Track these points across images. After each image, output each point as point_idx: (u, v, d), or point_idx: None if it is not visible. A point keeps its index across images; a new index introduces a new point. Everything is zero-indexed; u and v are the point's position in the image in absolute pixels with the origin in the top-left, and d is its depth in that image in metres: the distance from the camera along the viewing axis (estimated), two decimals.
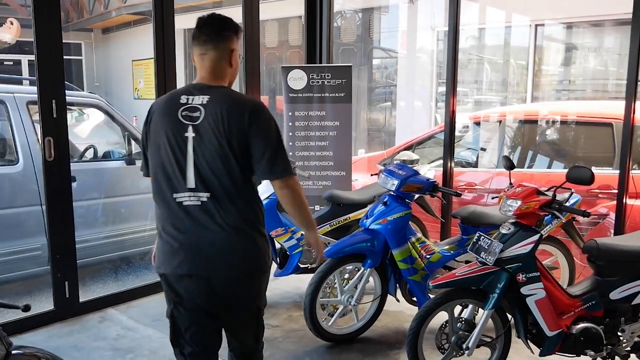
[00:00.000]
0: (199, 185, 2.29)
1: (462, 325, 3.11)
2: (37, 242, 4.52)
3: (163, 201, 2.36)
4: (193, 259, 2.32)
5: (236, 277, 2.37)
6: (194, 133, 2.28)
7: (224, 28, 2.42)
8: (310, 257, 4.44)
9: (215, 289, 2.36)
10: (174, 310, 2.46)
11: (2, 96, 4.60)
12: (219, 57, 2.40)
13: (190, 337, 2.47)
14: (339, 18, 11.60)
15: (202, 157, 2.27)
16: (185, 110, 2.32)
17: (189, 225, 2.31)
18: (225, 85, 2.44)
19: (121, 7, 14.76)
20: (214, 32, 2.41)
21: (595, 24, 8.33)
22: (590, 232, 4.55)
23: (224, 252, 2.32)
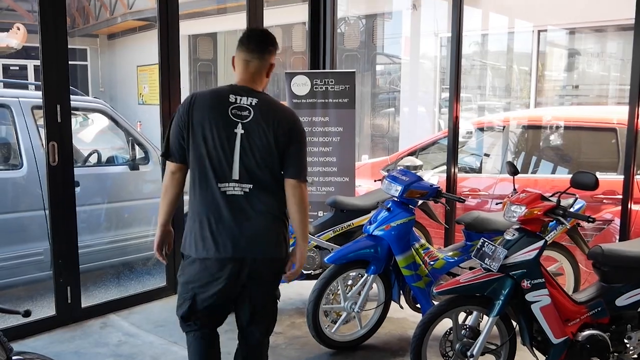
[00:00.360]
0: (243, 177, 2.54)
1: (466, 332, 3.08)
2: (40, 247, 4.51)
3: (207, 189, 2.55)
4: (236, 243, 2.53)
5: (270, 259, 2.62)
6: (242, 130, 2.54)
7: (270, 44, 2.70)
8: (314, 264, 4.42)
9: (250, 271, 2.57)
10: (200, 291, 2.60)
11: (7, 101, 4.61)
12: (261, 67, 2.66)
13: (207, 316, 2.67)
14: (343, 24, 11.64)
15: (249, 152, 2.53)
16: (234, 108, 2.56)
17: (231, 213, 2.53)
18: (257, 89, 2.67)
19: (127, 13, 14.83)
20: (263, 45, 2.68)
21: (598, 30, 8.33)
22: (595, 238, 4.52)
23: (264, 236, 2.59)
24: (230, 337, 2.91)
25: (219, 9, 13.33)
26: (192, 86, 14.15)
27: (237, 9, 11.59)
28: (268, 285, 2.70)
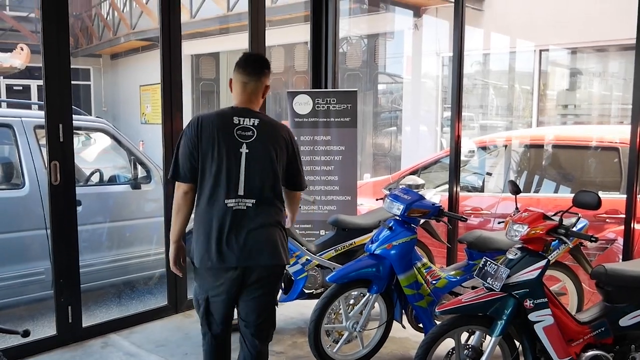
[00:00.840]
0: (247, 193, 2.77)
1: (469, 352, 3.05)
2: (41, 266, 4.51)
3: (214, 204, 2.77)
4: (240, 253, 2.75)
5: (272, 265, 2.83)
6: (247, 149, 2.77)
7: (266, 67, 2.95)
8: (316, 283, 4.40)
9: (253, 274, 2.79)
10: (210, 297, 2.85)
11: (10, 120, 4.64)
12: (257, 89, 2.90)
13: (220, 318, 2.90)
14: (345, 44, 11.72)
15: (253, 170, 2.77)
16: (239, 129, 2.79)
17: (235, 226, 2.76)
18: (255, 109, 2.92)
19: (130, 33, 14.97)
20: (259, 68, 2.92)
21: (600, 49, 8.37)
22: (598, 258, 4.50)
23: (266, 247, 2.79)
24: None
25: (221, 29, 13.45)
26: (195, 105, 14.23)
27: (239, 29, 11.70)
28: (268, 286, 2.87)
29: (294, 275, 4.34)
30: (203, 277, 2.85)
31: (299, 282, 4.35)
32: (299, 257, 4.32)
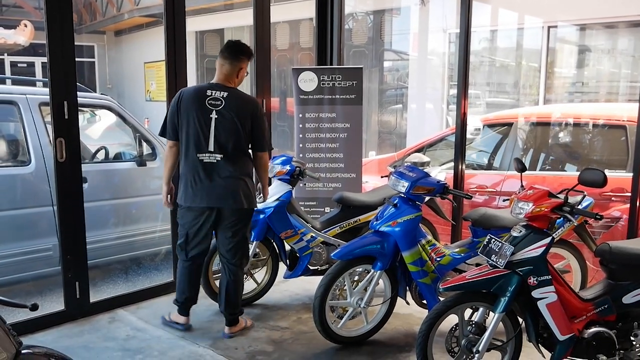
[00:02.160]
0: (216, 149, 3.61)
1: (472, 328, 3.08)
2: (49, 243, 4.55)
3: (190, 159, 3.66)
4: (209, 197, 3.65)
5: (238, 208, 3.68)
6: (216, 115, 3.60)
7: (241, 53, 3.73)
8: (320, 259, 4.43)
9: (224, 216, 3.70)
10: (189, 229, 3.78)
11: (15, 97, 4.64)
12: (232, 70, 3.71)
13: (196, 245, 3.81)
14: (350, 20, 11.61)
15: (220, 131, 3.60)
16: (210, 100, 3.62)
17: (205, 175, 3.63)
18: (234, 87, 3.72)
19: (133, 9, 14.86)
20: (234, 53, 3.71)
21: (609, 26, 8.26)
22: (603, 236, 4.50)
23: (230, 192, 3.64)
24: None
25: (226, 5, 13.34)
26: (199, 82, 14.15)
27: (244, 5, 11.60)
28: (236, 226, 3.73)
29: (299, 252, 4.37)
30: (184, 215, 3.78)
31: (303, 258, 4.38)
32: (304, 234, 4.34)
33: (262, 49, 5.14)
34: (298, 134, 5.31)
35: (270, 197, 4.31)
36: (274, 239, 4.45)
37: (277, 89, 12.57)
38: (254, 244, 4.31)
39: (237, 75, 3.71)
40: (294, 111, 5.37)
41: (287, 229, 4.31)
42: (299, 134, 5.30)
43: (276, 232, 4.32)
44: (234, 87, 3.70)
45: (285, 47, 13.34)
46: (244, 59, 3.73)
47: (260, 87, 5.15)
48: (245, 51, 3.74)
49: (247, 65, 3.77)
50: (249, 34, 12.23)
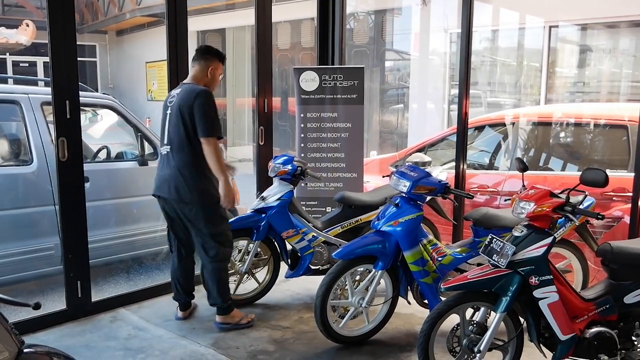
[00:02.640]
0: (167, 141, 3.86)
1: (473, 328, 3.08)
2: (50, 242, 4.55)
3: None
4: (162, 187, 3.87)
5: (185, 202, 3.81)
6: (169, 111, 3.87)
7: (207, 52, 3.97)
8: (322, 259, 4.43)
9: (174, 207, 3.89)
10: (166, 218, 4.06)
11: (17, 97, 4.64)
12: (200, 71, 3.94)
13: (172, 236, 4.10)
14: (352, 20, 11.61)
15: (170, 125, 3.84)
16: (170, 98, 3.92)
17: (160, 166, 3.93)
18: (196, 84, 3.88)
19: (135, 9, 14.87)
20: (202, 55, 3.96)
21: (610, 26, 8.25)
22: (605, 236, 4.50)
23: (166, 182, 3.83)
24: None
25: (227, 5, 13.34)
26: None
27: (245, 5, 11.60)
28: (195, 222, 3.85)
29: (301, 251, 4.37)
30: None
31: (305, 258, 4.38)
32: (305, 233, 4.34)
33: (263, 49, 5.14)
34: (299, 133, 5.31)
35: (271, 197, 4.31)
36: (276, 239, 4.45)
37: (278, 88, 12.57)
38: (255, 243, 4.31)
39: (207, 74, 3.91)
40: (296, 111, 5.37)
41: (289, 228, 4.32)
42: (301, 133, 5.30)
43: (278, 231, 4.33)
44: (193, 84, 3.86)
45: (286, 47, 13.34)
46: (212, 58, 3.93)
47: (262, 87, 5.16)
48: (213, 52, 3.97)
49: (219, 66, 3.97)
50: (251, 34, 12.24)
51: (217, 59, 3.97)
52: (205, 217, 3.82)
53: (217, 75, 3.97)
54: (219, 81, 4.03)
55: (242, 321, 4.07)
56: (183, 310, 4.21)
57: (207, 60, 3.92)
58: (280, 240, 4.45)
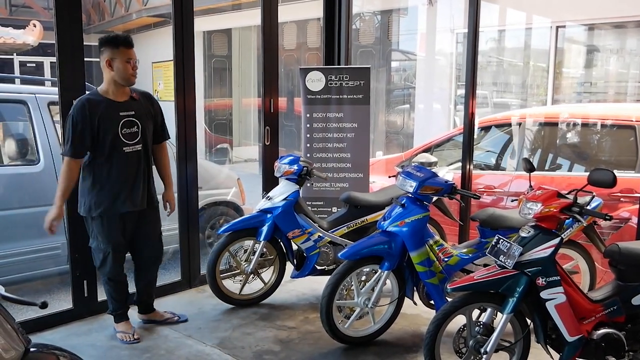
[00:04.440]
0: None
1: (480, 329, 3.07)
2: (57, 242, 4.57)
3: None
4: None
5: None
6: None
7: (99, 46, 3.63)
8: (328, 259, 4.43)
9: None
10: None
11: (24, 97, 4.66)
12: (102, 68, 3.66)
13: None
14: (358, 20, 11.59)
15: None
16: None
17: None
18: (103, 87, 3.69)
19: (142, 9, 14.89)
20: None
21: (618, 26, 8.21)
22: (612, 237, 4.47)
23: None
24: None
25: (233, 5, 13.35)
26: (207, 82, 14.20)
27: (252, 5, 11.60)
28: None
29: (306, 251, 4.37)
30: None
31: (311, 258, 4.38)
32: (311, 233, 4.34)
33: (269, 49, 5.14)
34: (305, 133, 5.31)
35: (277, 197, 4.31)
36: (282, 239, 4.45)
37: (284, 88, 12.56)
38: (261, 243, 4.31)
39: (106, 68, 3.62)
40: (302, 111, 5.36)
41: (295, 228, 4.31)
42: (307, 133, 5.30)
43: (283, 231, 4.32)
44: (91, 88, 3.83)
45: (292, 47, 13.33)
46: (103, 50, 3.61)
47: (268, 87, 5.16)
48: (101, 41, 3.65)
49: (114, 52, 3.58)
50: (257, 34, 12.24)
51: (110, 46, 3.57)
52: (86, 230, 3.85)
53: (118, 64, 3.56)
54: (128, 69, 3.59)
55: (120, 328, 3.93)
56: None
57: (101, 55, 3.60)
58: (286, 240, 4.45)
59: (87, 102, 3.55)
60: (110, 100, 3.62)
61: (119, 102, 3.65)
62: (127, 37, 3.67)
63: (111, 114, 3.60)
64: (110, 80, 3.62)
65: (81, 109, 3.51)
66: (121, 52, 3.58)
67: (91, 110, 3.53)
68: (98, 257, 3.79)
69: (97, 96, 3.62)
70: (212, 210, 5.80)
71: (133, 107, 3.71)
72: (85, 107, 3.53)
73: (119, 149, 3.62)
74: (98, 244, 3.75)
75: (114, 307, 3.91)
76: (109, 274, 3.81)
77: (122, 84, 3.64)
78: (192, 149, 4.62)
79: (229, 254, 4.38)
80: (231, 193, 5.97)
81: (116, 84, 3.63)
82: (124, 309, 3.95)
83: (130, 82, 3.67)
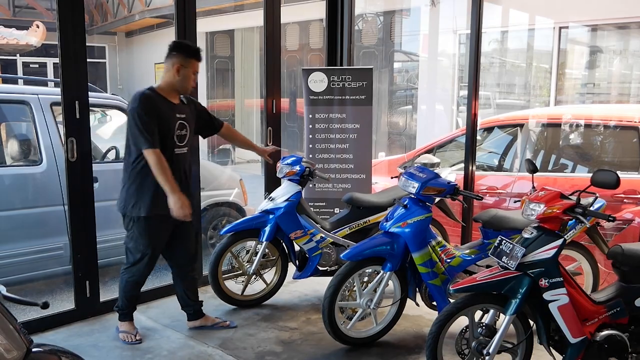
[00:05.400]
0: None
1: (482, 330, 3.06)
2: (59, 242, 4.57)
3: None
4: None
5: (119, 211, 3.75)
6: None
7: (172, 49, 3.63)
8: (330, 260, 4.42)
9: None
10: None
11: (27, 97, 4.67)
12: (165, 70, 3.64)
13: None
14: (360, 21, 11.60)
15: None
16: None
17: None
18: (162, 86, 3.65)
19: (144, 10, 14.93)
20: (167, 52, 3.64)
21: (621, 27, 8.20)
22: (615, 238, 4.46)
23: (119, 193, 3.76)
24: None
25: (236, 6, 13.37)
26: (209, 83, 14.22)
27: (254, 6, 11.61)
28: (125, 229, 3.77)
29: (309, 252, 4.37)
30: None
31: (313, 259, 4.38)
32: (313, 234, 4.33)
33: (272, 50, 5.14)
34: (308, 134, 5.31)
35: (280, 198, 4.31)
36: (284, 240, 4.45)
37: (287, 89, 12.57)
38: (263, 244, 4.31)
39: (174, 73, 3.60)
40: (304, 112, 5.37)
41: (297, 229, 4.31)
42: (309, 134, 5.30)
43: (286, 232, 4.32)
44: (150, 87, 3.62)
45: (295, 48, 13.34)
46: (177, 54, 3.61)
47: (270, 88, 5.16)
48: (179, 46, 3.67)
49: (188, 62, 3.61)
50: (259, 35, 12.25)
51: (184, 54, 3.62)
52: (129, 232, 3.75)
53: (185, 73, 3.60)
54: (191, 81, 3.66)
55: (127, 331, 3.88)
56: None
57: (171, 57, 3.61)
58: (288, 241, 4.44)
59: (150, 97, 3.53)
60: (168, 100, 3.62)
61: (175, 103, 3.66)
62: (200, 51, 3.70)
63: (169, 114, 3.60)
64: (171, 84, 3.62)
65: (147, 102, 3.48)
66: (192, 63, 3.63)
67: (155, 105, 3.52)
68: (134, 256, 3.73)
69: (156, 94, 3.59)
70: (215, 211, 5.80)
71: (184, 110, 3.72)
72: (151, 101, 3.50)
73: (171, 150, 3.61)
74: (137, 245, 3.68)
75: (123, 305, 3.87)
76: (137, 275, 3.77)
77: (179, 91, 3.67)
78: (195, 150, 4.61)
79: (231, 255, 4.38)
80: (233, 194, 5.97)
81: (174, 88, 3.64)
82: (131, 309, 3.91)
83: (187, 92, 3.73)
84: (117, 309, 3.91)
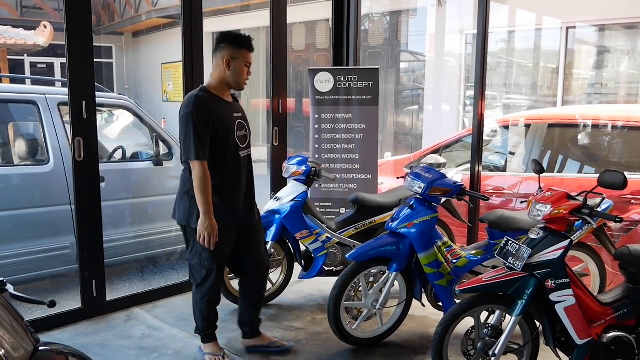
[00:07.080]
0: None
1: (488, 331, 3.05)
2: (66, 241, 4.59)
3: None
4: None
5: (179, 223, 3.42)
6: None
7: (219, 42, 3.30)
8: (336, 260, 4.42)
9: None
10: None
11: (34, 97, 4.69)
12: (214, 65, 3.33)
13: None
14: (367, 21, 11.58)
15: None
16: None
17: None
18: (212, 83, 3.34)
19: (151, 10, 14.97)
20: (214, 46, 3.33)
21: (629, 26, 8.15)
22: (622, 239, 4.44)
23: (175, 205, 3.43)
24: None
25: (242, 6, 13.39)
26: None
27: (260, 6, 11.63)
28: (186, 243, 3.44)
29: (314, 252, 4.37)
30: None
31: (319, 259, 4.37)
32: (319, 234, 4.33)
33: (278, 50, 5.15)
34: (314, 134, 5.31)
35: (286, 198, 4.31)
36: (290, 240, 4.45)
37: (293, 89, 12.57)
38: (269, 244, 4.31)
39: (224, 68, 3.27)
40: (310, 112, 5.36)
41: (303, 229, 4.31)
42: (315, 134, 5.30)
43: (292, 232, 4.32)
44: (201, 86, 3.34)
45: (301, 48, 13.34)
46: (225, 46, 3.28)
47: (277, 88, 5.16)
48: (226, 38, 3.31)
49: (238, 53, 3.26)
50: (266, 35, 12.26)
51: (233, 45, 3.25)
52: (193, 244, 3.36)
53: (236, 66, 3.25)
54: (244, 73, 3.30)
55: (213, 352, 3.57)
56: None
57: (220, 51, 3.26)
58: (294, 241, 4.44)
59: (204, 100, 3.20)
60: (223, 100, 3.31)
61: (230, 102, 3.37)
62: (251, 40, 3.32)
63: (227, 115, 3.29)
64: (222, 80, 3.29)
65: (202, 106, 3.15)
66: (244, 54, 3.27)
67: (209, 108, 3.18)
68: (200, 274, 3.39)
69: (209, 93, 3.26)
70: None
71: (239, 108, 3.43)
72: (206, 104, 3.18)
73: (235, 153, 3.30)
74: (202, 260, 3.34)
75: (204, 327, 3.54)
76: (209, 293, 3.44)
77: (232, 86, 3.33)
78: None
79: None
80: None
81: (225, 85, 3.31)
82: (212, 329, 3.58)
83: (240, 88, 3.37)
84: (198, 332, 3.60)
